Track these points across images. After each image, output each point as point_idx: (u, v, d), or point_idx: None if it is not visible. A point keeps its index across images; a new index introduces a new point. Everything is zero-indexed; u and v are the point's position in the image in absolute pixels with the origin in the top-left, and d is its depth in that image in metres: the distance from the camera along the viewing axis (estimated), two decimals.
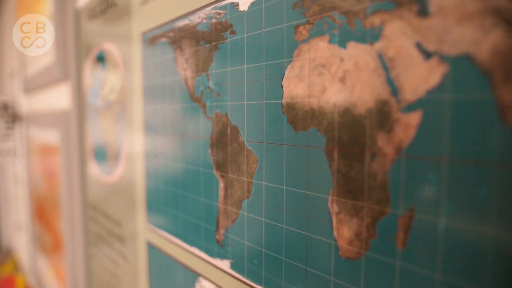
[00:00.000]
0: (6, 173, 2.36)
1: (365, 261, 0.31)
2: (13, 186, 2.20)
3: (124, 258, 0.77)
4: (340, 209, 0.32)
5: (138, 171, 0.68)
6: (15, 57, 1.83)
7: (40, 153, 1.46)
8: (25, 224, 1.93)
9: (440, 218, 0.26)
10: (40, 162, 1.49)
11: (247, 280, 0.43)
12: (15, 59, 1.83)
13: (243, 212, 0.43)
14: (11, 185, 2.26)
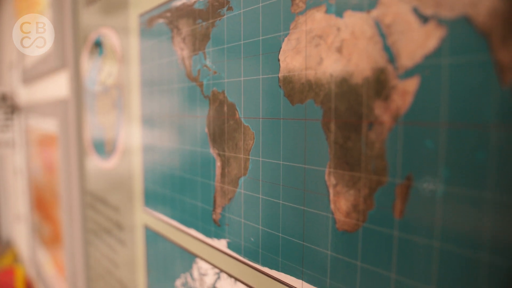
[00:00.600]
0: (5, 164, 2.36)
1: (363, 233, 0.30)
2: (12, 177, 2.19)
3: (122, 245, 0.77)
4: (337, 181, 0.32)
5: (135, 155, 0.68)
6: (14, 48, 1.83)
7: (39, 143, 1.46)
8: (24, 215, 1.93)
9: (438, 185, 0.26)
10: (39, 152, 1.49)
11: (244, 259, 0.43)
12: (14, 50, 1.82)
13: (240, 190, 0.42)
14: (10, 176, 2.26)
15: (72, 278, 1.11)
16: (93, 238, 0.96)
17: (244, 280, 0.43)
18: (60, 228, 1.21)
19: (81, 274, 1.04)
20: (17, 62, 1.75)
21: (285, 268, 0.37)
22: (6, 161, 2.32)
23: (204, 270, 0.50)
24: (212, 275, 0.48)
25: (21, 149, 1.84)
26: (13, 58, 1.87)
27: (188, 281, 0.54)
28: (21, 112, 1.74)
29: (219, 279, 0.47)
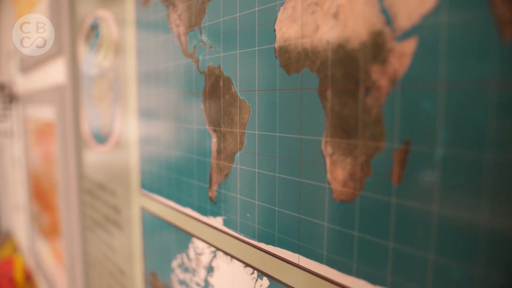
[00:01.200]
0: (3, 155, 2.36)
1: (360, 202, 0.30)
2: (10, 167, 2.19)
3: (119, 229, 0.77)
4: (334, 150, 0.31)
5: (132, 136, 0.67)
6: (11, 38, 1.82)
7: (37, 131, 1.45)
8: (23, 205, 1.92)
9: (436, 148, 0.25)
10: (37, 140, 1.48)
11: (240, 236, 0.42)
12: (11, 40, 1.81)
13: (236, 165, 0.42)
14: (8, 166, 2.25)
15: (70, 264, 1.11)
16: (90, 224, 0.95)
17: (240, 257, 0.42)
18: (58, 216, 1.21)
19: (78, 259, 1.04)
20: (15, 51, 1.74)
21: (281, 242, 0.37)
22: (5, 151, 2.31)
23: (200, 249, 0.49)
24: (208, 254, 0.48)
25: (19, 139, 1.83)
26: (11, 48, 1.86)
27: (184, 261, 0.53)
28: (19, 102, 1.73)
29: (215, 258, 0.47)
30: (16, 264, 1.91)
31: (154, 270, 0.63)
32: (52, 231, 1.37)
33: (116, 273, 0.81)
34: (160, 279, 0.61)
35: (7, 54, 1.97)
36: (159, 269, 0.61)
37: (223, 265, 0.45)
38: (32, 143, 1.57)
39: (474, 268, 0.24)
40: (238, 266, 0.43)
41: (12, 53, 1.82)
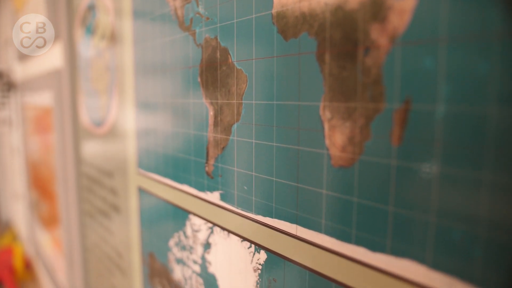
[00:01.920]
0: (2, 143, 2.35)
1: (359, 167, 0.29)
2: (9, 156, 2.18)
3: (117, 211, 0.76)
4: (332, 114, 0.30)
5: (128, 114, 0.66)
6: (9, 25, 1.80)
7: (35, 119, 1.44)
8: (22, 193, 1.92)
9: (438, 105, 0.24)
10: (36, 128, 1.47)
11: (237, 209, 0.41)
12: (9, 27, 1.80)
13: (233, 137, 0.41)
14: (7, 155, 2.25)
15: (69, 250, 1.10)
16: (88, 208, 0.95)
17: (237, 231, 0.42)
18: (57, 203, 1.20)
19: (76, 245, 1.03)
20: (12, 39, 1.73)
21: (279, 214, 0.36)
22: (3, 140, 2.31)
23: (197, 226, 0.48)
24: (205, 230, 0.47)
25: (18, 127, 1.82)
26: (8, 35, 1.85)
27: (181, 239, 0.53)
28: (17, 90, 1.72)
29: (212, 234, 0.46)
30: (16, 252, 1.91)
31: (151, 251, 0.62)
32: (51, 219, 1.37)
33: (113, 256, 0.80)
34: (157, 259, 0.60)
35: (5, 42, 1.96)
36: (156, 249, 0.60)
37: (220, 240, 0.45)
38: (31, 131, 1.56)
39: (476, 229, 0.23)
40: (235, 241, 0.42)
41: (10, 41, 1.81)
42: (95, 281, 0.96)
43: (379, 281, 0.28)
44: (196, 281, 0.50)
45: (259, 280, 0.40)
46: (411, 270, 0.26)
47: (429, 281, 0.25)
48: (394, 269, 0.27)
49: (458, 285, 0.24)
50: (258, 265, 0.39)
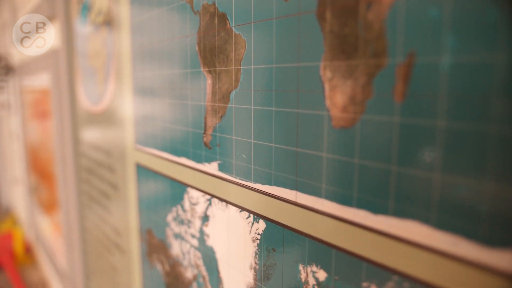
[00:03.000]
0: (1, 128, 2.34)
1: (361, 126, 0.28)
2: (8, 141, 2.18)
3: (115, 189, 0.75)
4: (333, 74, 0.29)
5: (126, 90, 0.65)
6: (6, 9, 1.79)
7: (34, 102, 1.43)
8: (21, 178, 1.91)
9: (443, 57, 0.23)
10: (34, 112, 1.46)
11: (236, 179, 0.40)
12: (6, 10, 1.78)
13: (231, 105, 0.40)
14: (6, 140, 2.24)
15: (68, 231, 1.10)
16: (87, 188, 0.94)
17: (235, 202, 0.41)
18: (56, 185, 1.20)
19: (75, 225, 1.03)
20: (10, 22, 1.71)
21: (278, 181, 0.35)
22: (2, 124, 2.30)
23: (195, 199, 0.48)
24: (203, 202, 0.46)
25: (17, 112, 1.81)
26: (5, 19, 1.83)
27: (179, 213, 0.52)
28: (15, 73, 1.71)
29: (210, 206, 0.45)
30: (16, 237, 1.91)
31: (149, 227, 0.62)
32: (50, 203, 1.36)
33: (112, 236, 0.80)
34: (155, 236, 0.60)
35: (2, 25, 1.94)
36: (154, 225, 0.60)
37: (218, 212, 0.44)
38: (30, 115, 1.55)
39: (483, 184, 0.22)
40: (233, 211, 0.41)
41: (8, 24, 1.79)
42: (94, 261, 0.96)
43: (381, 244, 0.27)
44: (194, 255, 0.50)
45: (258, 250, 0.39)
46: (414, 231, 0.25)
47: (433, 241, 0.25)
48: (396, 231, 0.26)
49: (463, 244, 0.23)
50: (257, 235, 0.39)
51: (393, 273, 0.27)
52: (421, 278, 0.25)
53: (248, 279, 0.41)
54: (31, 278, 1.75)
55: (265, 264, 0.38)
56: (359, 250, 0.29)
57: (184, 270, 0.52)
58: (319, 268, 0.32)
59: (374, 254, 0.28)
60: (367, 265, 0.29)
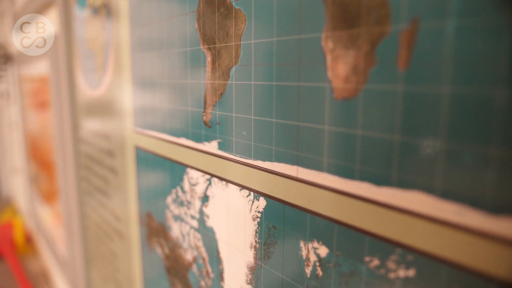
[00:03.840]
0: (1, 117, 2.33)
1: (363, 97, 0.27)
2: (8, 131, 2.17)
3: (114, 173, 0.75)
4: (335, 44, 0.29)
5: (125, 71, 0.64)
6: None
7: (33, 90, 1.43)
8: (21, 167, 1.91)
9: (448, 21, 0.22)
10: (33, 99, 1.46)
11: (236, 157, 0.40)
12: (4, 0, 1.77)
13: (231, 81, 0.39)
14: (6, 130, 2.23)
15: (68, 218, 1.09)
16: (86, 175, 0.94)
17: (235, 180, 0.40)
18: (56, 172, 1.19)
19: (75, 213, 1.02)
20: (8, 10, 1.70)
21: (279, 156, 0.35)
22: (1, 113, 2.29)
23: (195, 179, 0.47)
24: (202, 183, 0.46)
25: (16, 101, 1.81)
26: (4, 7, 1.82)
27: (179, 195, 0.51)
28: (14, 62, 1.70)
29: (210, 186, 0.45)
30: (16, 226, 1.91)
31: (149, 211, 0.61)
32: (50, 191, 1.36)
33: (112, 221, 0.79)
34: (155, 219, 0.59)
35: (1, 14, 1.93)
36: (153, 208, 0.59)
37: (218, 192, 0.43)
38: (29, 103, 1.54)
39: (488, 150, 0.21)
40: (233, 190, 0.41)
41: (6, 13, 1.78)
42: (94, 248, 0.96)
43: (384, 217, 0.27)
44: (194, 237, 0.49)
45: (258, 228, 0.38)
46: (418, 202, 0.25)
47: (438, 211, 0.24)
48: (400, 203, 0.26)
49: (468, 212, 0.23)
50: (257, 213, 0.38)
51: (396, 246, 0.26)
52: (425, 249, 0.25)
53: (248, 258, 0.40)
54: (31, 267, 1.75)
55: (265, 243, 0.38)
56: (362, 223, 0.28)
57: (184, 252, 0.52)
58: (321, 244, 0.32)
59: (376, 227, 0.28)
60: (369, 239, 0.28)
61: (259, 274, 0.39)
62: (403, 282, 0.26)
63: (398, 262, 0.26)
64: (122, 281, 0.78)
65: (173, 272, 0.55)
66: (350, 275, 0.30)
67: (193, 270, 0.50)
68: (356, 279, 0.29)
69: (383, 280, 0.27)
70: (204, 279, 0.48)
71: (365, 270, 0.29)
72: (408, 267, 0.26)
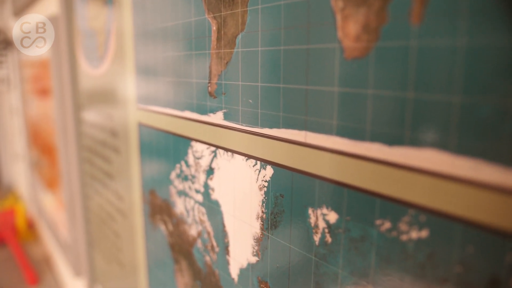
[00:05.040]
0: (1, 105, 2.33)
1: (375, 55, 0.27)
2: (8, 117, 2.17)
3: (117, 153, 0.74)
4: (345, 3, 0.28)
5: (127, 48, 0.63)
6: None
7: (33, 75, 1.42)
8: (22, 153, 1.91)
9: None
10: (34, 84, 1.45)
11: (242, 126, 0.39)
12: None
13: (237, 49, 0.38)
14: (6, 116, 2.23)
15: (70, 200, 1.09)
16: (88, 156, 0.93)
17: (241, 150, 0.40)
18: (57, 155, 1.19)
19: (77, 194, 1.02)
20: None
21: (287, 122, 0.34)
22: (2, 100, 2.28)
23: (200, 152, 0.47)
24: (207, 155, 0.45)
25: (16, 86, 1.80)
26: None
27: (183, 169, 0.51)
28: (14, 47, 1.69)
29: (215, 158, 0.44)
30: (18, 213, 1.91)
31: (152, 188, 0.61)
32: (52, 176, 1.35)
33: (114, 201, 0.79)
34: (158, 196, 0.59)
35: None
36: (157, 185, 0.59)
37: (224, 163, 0.43)
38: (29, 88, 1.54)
39: (505, 102, 0.21)
40: (239, 161, 0.40)
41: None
42: (96, 230, 0.95)
43: (395, 177, 0.26)
44: (198, 211, 0.49)
45: (265, 198, 0.38)
46: (432, 159, 0.24)
47: (452, 168, 0.23)
48: (413, 162, 0.25)
49: (484, 168, 0.22)
50: (264, 183, 0.38)
51: (408, 207, 0.26)
52: (439, 208, 0.24)
53: (254, 229, 0.40)
54: (33, 253, 1.75)
55: (272, 212, 0.37)
56: (373, 186, 0.28)
57: (188, 228, 0.51)
58: (330, 210, 0.31)
59: (388, 189, 0.27)
60: (380, 201, 0.28)
61: (265, 244, 0.39)
62: (416, 244, 0.26)
63: (410, 223, 0.26)
64: (125, 261, 0.78)
65: (177, 249, 0.55)
66: (361, 240, 0.29)
67: (197, 245, 0.50)
68: (366, 243, 0.29)
69: (395, 242, 0.27)
70: (209, 254, 0.48)
71: (375, 234, 0.28)
72: (421, 228, 0.25)
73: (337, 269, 0.31)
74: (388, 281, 0.28)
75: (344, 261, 0.31)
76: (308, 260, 0.34)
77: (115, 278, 0.86)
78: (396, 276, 0.27)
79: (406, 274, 0.26)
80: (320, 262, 0.33)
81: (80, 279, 1.13)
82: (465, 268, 0.23)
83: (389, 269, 0.28)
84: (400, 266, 0.27)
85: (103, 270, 0.95)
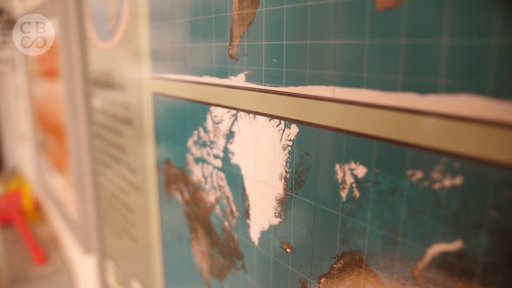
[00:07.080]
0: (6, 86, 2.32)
1: (408, 3, 0.27)
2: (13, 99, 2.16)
3: (129, 125, 0.74)
4: None
5: (141, 15, 0.63)
6: None
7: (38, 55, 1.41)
8: (28, 135, 1.91)
9: None
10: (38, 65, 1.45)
11: (265, 87, 0.39)
12: None
13: (261, 9, 0.38)
14: (11, 98, 2.22)
15: (79, 176, 1.09)
16: (99, 130, 0.93)
17: (264, 111, 0.40)
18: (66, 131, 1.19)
19: (87, 170, 1.02)
20: None
21: (313, 79, 0.34)
22: (7, 82, 2.28)
23: (219, 117, 0.47)
24: (228, 119, 0.45)
25: (21, 67, 1.80)
26: None
27: (201, 136, 0.51)
28: None
29: (236, 121, 0.44)
30: (24, 194, 1.92)
31: (167, 158, 0.61)
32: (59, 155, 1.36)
33: (126, 174, 0.79)
34: (174, 165, 0.59)
35: None
36: (172, 154, 0.59)
37: (245, 126, 0.43)
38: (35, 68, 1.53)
39: None
40: (261, 121, 0.40)
41: None
42: (107, 205, 0.96)
43: (428, 126, 0.26)
44: (217, 177, 0.49)
45: (289, 157, 0.38)
46: (467, 105, 0.24)
47: (488, 112, 0.23)
48: (447, 109, 0.25)
49: None
50: (288, 142, 0.38)
51: (441, 155, 0.26)
52: (474, 154, 0.24)
53: (277, 190, 0.40)
54: (41, 233, 1.76)
55: (297, 171, 0.37)
56: (404, 136, 0.28)
57: (206, 195, 0.52)
58: (358, 164, 0.31)
59: (420, 138, 0.27)
60: (412, 152, 0.28)
61: (289, 205, 0.39)
62: (449, 192, 0.26)
63: (443, 171, 0.26)
64: (137, 234, 0.78)
65: (194, 217, 0.55)
66: (390, 192, 0.29)
67: (216, 212, 0.50)
68: (396, 195, 0.29)
69: (427, 192, 0.27)
70: (228, 219, 0.48)
71: (406, 185, 0.28)
72: (455, 175, 0.25)
73: (365, 223, 0.32)
74: (419, 231, 0.28)
75: (372, 215, 0.31)
76: (334, 217, 0.34)
77: (127, 253, 0.87)
78: (427, 226, 0.27)
79: (438, 223, 0.27)
80: (347, 218, 0.33)
81: (90, 256, 1.14)
82: (500, 212, 0.24)
83: (420, 219, 0.28)
84: (432, 215, 0.27)
85: (114, 245, 0.95)
